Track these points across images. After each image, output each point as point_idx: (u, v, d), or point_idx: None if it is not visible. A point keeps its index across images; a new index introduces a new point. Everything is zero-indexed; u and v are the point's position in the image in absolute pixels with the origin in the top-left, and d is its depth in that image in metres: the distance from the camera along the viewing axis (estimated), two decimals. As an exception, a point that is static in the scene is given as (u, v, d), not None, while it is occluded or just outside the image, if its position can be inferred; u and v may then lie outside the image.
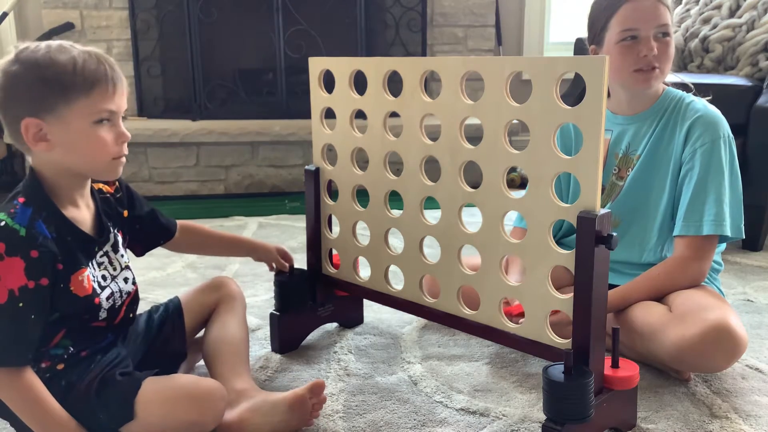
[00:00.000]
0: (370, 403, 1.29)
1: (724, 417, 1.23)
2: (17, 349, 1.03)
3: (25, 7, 3.39)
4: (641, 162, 1.47)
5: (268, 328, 1.53)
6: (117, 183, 1.25)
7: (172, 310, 1.33)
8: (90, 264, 1.13)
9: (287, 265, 1.50)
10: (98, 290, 1.14)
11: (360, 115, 1.39)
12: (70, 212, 1.12)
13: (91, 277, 1.13)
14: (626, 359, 1.17)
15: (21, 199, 1.07)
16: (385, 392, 1.33)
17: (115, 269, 1.19)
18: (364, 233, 1.45)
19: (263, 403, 1.18)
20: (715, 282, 1.48)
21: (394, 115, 1.34)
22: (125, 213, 1.24)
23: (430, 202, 1.29)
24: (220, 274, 1.99)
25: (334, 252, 1.53)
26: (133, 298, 1.23)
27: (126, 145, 1.12)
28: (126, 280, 1.21)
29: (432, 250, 1.33)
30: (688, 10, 2.63)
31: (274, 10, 3.09)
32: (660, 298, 1.39)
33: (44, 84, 1.04)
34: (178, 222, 1.38)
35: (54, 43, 1.08)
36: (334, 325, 1.63)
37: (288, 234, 2.43)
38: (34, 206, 1.07)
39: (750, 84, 2.23)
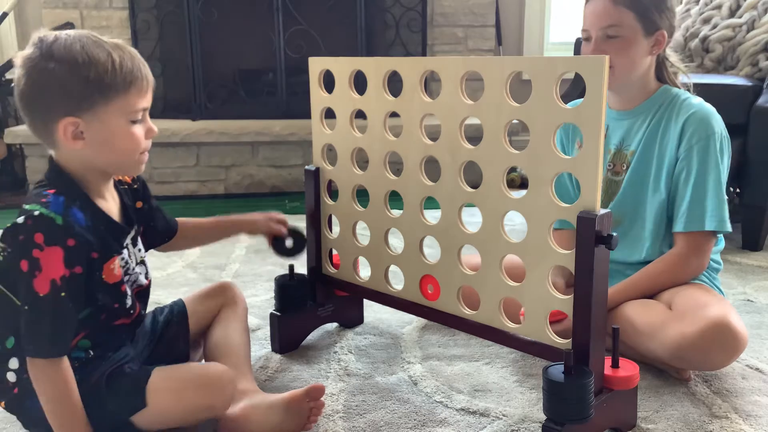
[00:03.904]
0: (370, 403, 1.29)
1: (724, 417, 1.23)
2: (59, 340, 1.03)
3: (25, 7, 3.39)
4: (637, 158, 1.47)
5: (268, 328, 1.53)
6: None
7: (177, 312, 1.34)
8: (119, 252, 1.14)
9: (283, 228, 1.45)
10: (124, 278, 1.14)
11: (360, 115, 1.39)
12: (99, 203, 1.12)
13: (120, 265, 1.13)
14: (626, 359, 1.17)
15: (51, 191, 1.06)
16: (385, 392, 1.33)
17: (133, 261, 1.19)
18: (364, 233, 1.45)
19: (262, 402, 1.19)
20: (715, 281, 1.48)
21: (394, 115, 1.34)
22: (138, 204, 1.24)
23: (430, 202, 1.29)
24: (221, 274, 2.00)
25: (334, 252, 1.53)
26: (145, 290, 1.23)
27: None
28: (140, 273, 1.21)
29: (432, 250, 1.33)
30: (688, 10, 2.64)
31: (274, 10, 3.09)
32: (659, 292, 1.40)
33: (86, 84, 1.02)
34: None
35: (81, 34, 1.05)
36: (334, 325, 1.63)
37: (288, 234, 2.43)
38: (66, 196, 1.06)
39: (750, 84, 2.23)
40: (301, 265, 1.54)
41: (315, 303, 1.55)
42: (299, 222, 1.51)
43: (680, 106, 1.44)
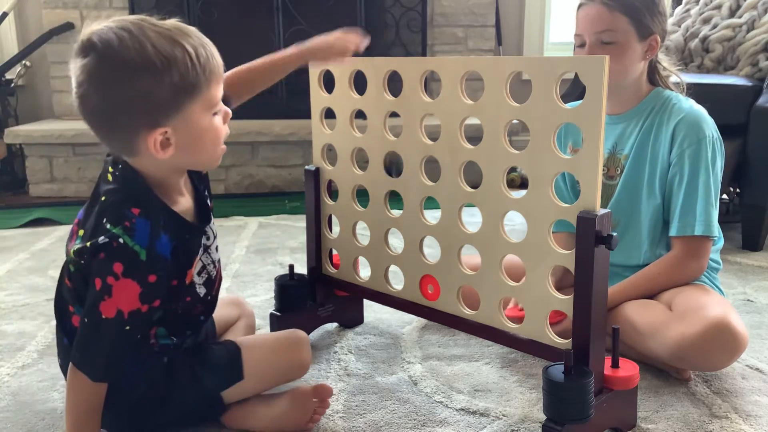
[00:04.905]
0: (370, 403, 1.29)
1: (724, 417, 1.23)
2: (110, 367, 1.02)
3: (25, 7, 3.39)
4: (630, 162, 1.47)
5: (268, 328, 1.53)
6: None
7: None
8: (198, 253, 1.11)
9: (357, 42, 1.28)
10: (200, 272, 1.13)
11: (360, 115, 1.39)
12: (179, 206, 1.08)
13: (197, 261, 1.12)
14: (626, 359, 1.17)
15: (135, 210, 0.98)
16: (385, 392, 1.33)
17: (208, 239, 1.15)
18: (364, 233, 1.45)
19: (267, 395, 1.20)
20: (715, 281, 1.48)
21: (394, 115, 1.34)
22: (204, 172, 1.20)
23: (430, 202, 1.29)
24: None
25: (334, 252, 1.53)
26: (218, 269, 1.21)
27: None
28: (216, 248, 1.18)
29: (432, 250, 1.33)
30: (688, 10, 2.63)
31: (274, 10, 3.09)
32: (657, 294, 1.41)
33: (170, 89, 0.94)
34: None
35: (141, 28, 0.95)
36: (334, 325, 1.63)
37: (288, 234, 2.43)
38: (151, 218, 0.99)
39: (750, 84, 2.23)
40: (301, 265, 1.54)
41: (315, 303, 1.55)
42: (299, 222, 1.51)
43: (671, 109, 1.44)
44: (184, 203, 1.10)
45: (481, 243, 1.23)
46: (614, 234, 1.06)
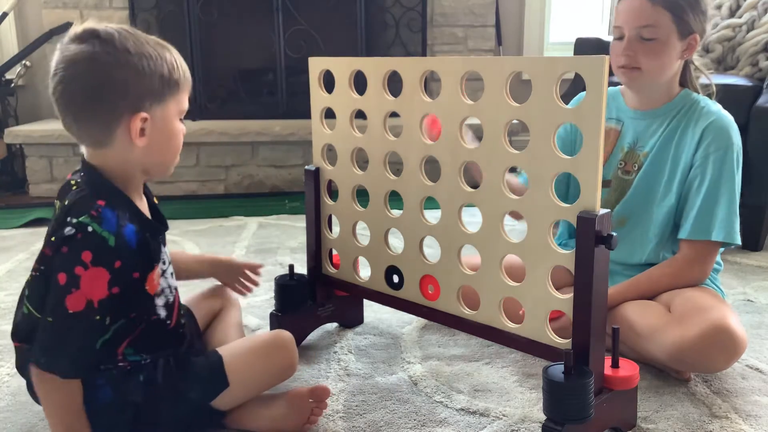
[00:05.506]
0: (370, 403, 1.29)
1: (724, 417, 1.23)
2: (81, 361, 1.02)
3: (25, 7, 3.39)
4: (649, 160, 1.46)
5: (268, 328, 1.53)
6: None
7: (184, 312, 1.33)
8: (158, 258, 1.11)
9: (254, 284, 1.44)
10: (161, 288, 1.12)
11: (360, 115, 1.39)
12: (138, 205, 1.10)
13: (159, 272, 1.11)
14: (626, 359, 1.17)
15: (101, 202, 1.01)
16: (385, 392, 1.33)
17: (164, 263, 1.15)
18: (364, 233, 1.45)
19: (265, 395, 1.20)
20: (715, 282, 1.48)
21: (394, 115, 1.34)
22: (155, 200, 1.21)
23: (430, 202, 1.29)
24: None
25: (334, 252, 1.53)
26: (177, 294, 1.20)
27: None
28: (172, 274, 1.19)
29: (432, 250, 1.33)
30: (688, 10, 2.63)
31: (274, 10, 3.09)
32: (657, 295, 1.40)
33: (160, 79, 1.04)
34: None
35: (136, 32, 1.05)
36: (334, 325, 1.63)
37: (288, 234, 2.43)
38: (118, 209, 1.02)
39: (750, 84, 2.23)
40: (301, 265, 1.54)
41: (315, 303, 1.55)
42: (299, 222, 1.51)
43: (700, 112, 1.42)
44: (142, 207, 1.12)
45: (481, 243, 1.23)
46: (614, 234, 1.05)
